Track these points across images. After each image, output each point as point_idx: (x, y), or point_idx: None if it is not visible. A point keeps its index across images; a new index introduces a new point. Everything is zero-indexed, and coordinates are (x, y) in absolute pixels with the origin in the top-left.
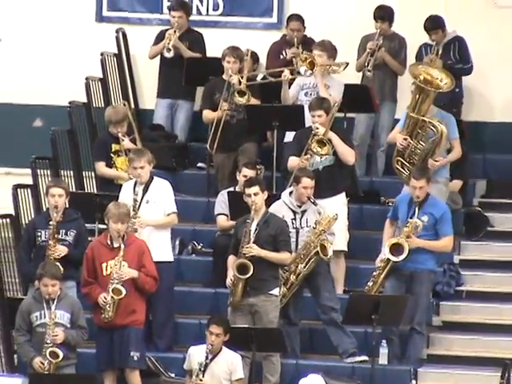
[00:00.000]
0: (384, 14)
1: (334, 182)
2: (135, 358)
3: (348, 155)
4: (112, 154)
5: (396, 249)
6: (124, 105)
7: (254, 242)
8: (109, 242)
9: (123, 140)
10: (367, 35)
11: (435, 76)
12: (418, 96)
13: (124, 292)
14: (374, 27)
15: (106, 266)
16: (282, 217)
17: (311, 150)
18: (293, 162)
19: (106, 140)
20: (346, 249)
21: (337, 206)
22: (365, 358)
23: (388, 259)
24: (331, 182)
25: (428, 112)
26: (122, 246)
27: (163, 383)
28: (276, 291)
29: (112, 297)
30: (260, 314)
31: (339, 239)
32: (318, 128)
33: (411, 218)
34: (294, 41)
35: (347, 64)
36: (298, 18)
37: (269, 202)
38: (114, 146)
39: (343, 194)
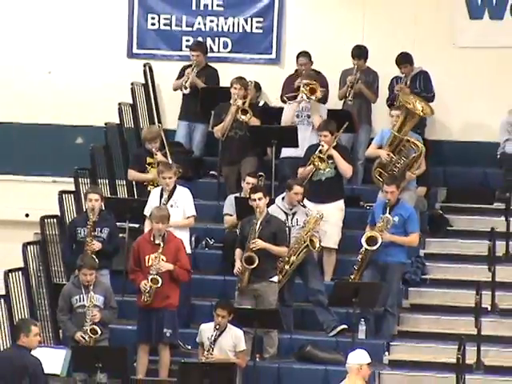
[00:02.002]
0: (360, 53)
1: (334, 190)
2: (167, 334)
3: (346, 170)
4: (147, 165)
5: (371, 240)
6: (158, 126)
7: (258, 238)
8: (152, 239)
9: (156, 154)
10: (346, 70)
11: (418, 106)
12: (404, 119)
13: (160, 282)
14: (351, 63)
15: (148, 259)
16: None
17: (314, 163)
18: (299, 172)
19: (142, 154)
20: (337, 247)
21: (335, 210)
22: (344, 326)
23: (366, 251)
24: (331, 190)
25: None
26: (161, 243)
27: (181, 354)
28: (275, 278)
29: (150, 285)
30: (262, 298)
31: (333, 239)
32: (323, 146)
33: None
34: (302, 73)
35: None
36: (305, 54)
37: (269, 205)
38: (149, 159)
39: (341, 201)
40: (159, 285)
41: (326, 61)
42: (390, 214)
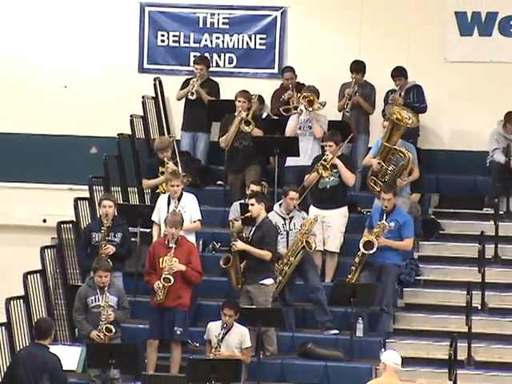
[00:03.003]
0: (358, 67)
1: (337, 198)
2: (178, 333)
3: (349, 179)
4: (159, 175)
5: (368, 245)
6: (170, 137)
7: (249, 241)
8: (166, 243)
9: (167, 163)
10: (345, 83)
11: (405, 116)
12: (391, 130)
13: (172, 280)
14: (350, 77)
15: (162, 261)
16: (274, 223)
17: (317, 171)
18: (305, 179)
19: (154, 164)
20: (338, 251)
21: (338, 216)
22: (336, 331)
23: (363, 254)
24: (335, 198)
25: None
26: (174, 245)
27: (189, 350)
28: (267, 281)
29: (163, 284)
30: (253, 299)
31: (335, 243)
32: (327, 155)
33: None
34: (288, 87)
35: (325, 103)
36: (290, 69)
37: (270, 211)
38: (161, 169)
39: (345, 208)
40: (171, 283)
41: (324, 74)
42: (386, 219)
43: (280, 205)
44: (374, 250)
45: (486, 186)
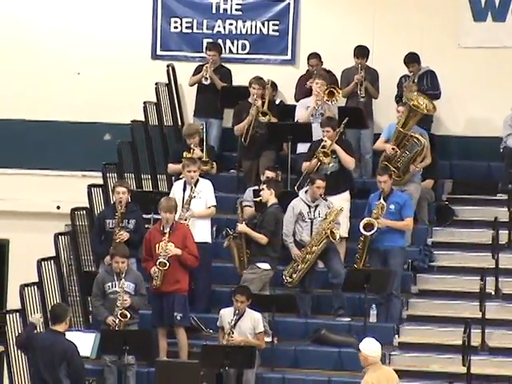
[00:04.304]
0: (363, 52)
1: (339, 183)
2: (178, 318)
3: (349, 163)
4: (183, 160)
5: (368, 226)
6: (201, 125)
7: (254, 226)
8: (161, 228)
9: (194, 150)
10: (347, 68)
11: (421, 103)
12: (407, 115)
13: (167, 265)
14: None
15: (158, 246)
16: (299, 210)
17: (318, 158)
18: (304, 165)
19: (180, 149)
20: (347, 235)
21: (341, 201)
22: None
23: (365, 237)
24: (336, 183)
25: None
26: (168, 229)
27: (203, 337)
28: (262, 265)
29: (158, 268)
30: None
31: (342, 228)
32: (325, 141)
33: None
34: (314, 74)
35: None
36: (315, 55)
37: (283, 197)
38: (186, 154)
39: (347, 193)
40: (166, 267)
41: (337, 61)
42: (385, 202)
43: (306, 192)
44: (374, 230)
45: (500, 171)
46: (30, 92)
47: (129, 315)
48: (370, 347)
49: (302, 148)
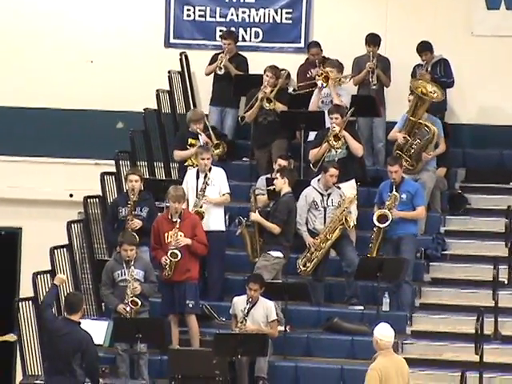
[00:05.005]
0: (375, 40)
1: (346, 170)
2: (190, 305)
3: (358, 149)
4: (188, 146)
5: (382, 218)
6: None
7: (267, 214)
8: (169, 217)
9: (201, 135)
10: (358, 57)
11: (429, 90)
12: (416, 104)
13: (179, 256)
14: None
15: (167, 236)
16: (312, 198)
17: (329, 142)
18: (312, 153)
19: (185, 135)
20: (355, 223)
21: (349, 189)
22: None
23: (378, 229)
24: (344, 170)
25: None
26: (178, 220)
27: (216, 325)
28: (274, 253)
29: (170, 260)
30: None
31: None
32: (334, 127)
33: None
34: (315, 62)
35: (352, 76)
36: (316, 44)
37: (296, 186)
38: (190, 140)
39: (353, 180)
40: (178, 258)
41: (350, 49)
42: (396, 192)
43: (318, 180)
44: (388, 222)
45: None
46: (43, 80)
47: (140, 303)
48: (382, 332)
49: (313, 136)
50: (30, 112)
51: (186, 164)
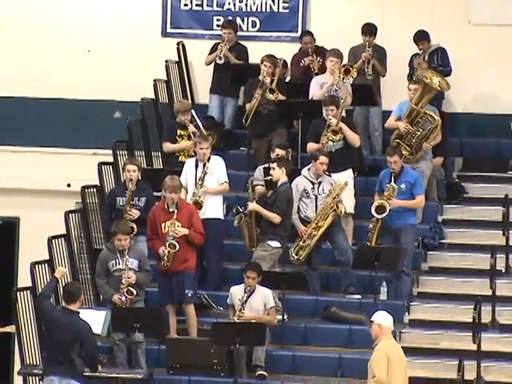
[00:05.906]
0: (371, 30)
1: (344, 160)
2: (189, 295)
3: (355, 140)
4: (178, 138)
5: (380, 209)
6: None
7: (265, 204)
8: (166, 207)
9: (189, 126)
10: (354, 46)
11: (435, 80)
12: (421, 92)
13: (178, 247)
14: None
15: (164, 226)
16: (303, 187)
17: (327, 138)
18: (311, 146)
19: (174, 126)
20: (353, 211)
21: (345, 178)
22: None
23: (377, 219)
24: (341, 160)
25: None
26: (175, 210)
27: (214, 314)
28: (273, 243)
29: (168, 250)
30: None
31: (349, 204)
32: (331, 119)
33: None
34: (308, 51)
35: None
36: (308, 33)
37: (292, 175)
38: (179, 131)
39: (350, 170)
40: (176, 249)
41: (347, 38)
42: (396, 182)
43: (308, 169)
44: (386, 213)
45: (510, 149)
46: (40, 70)
47: (135, 292)
48: (384, 316)
49: None
50: (28, 102)
51: (176, 155)
